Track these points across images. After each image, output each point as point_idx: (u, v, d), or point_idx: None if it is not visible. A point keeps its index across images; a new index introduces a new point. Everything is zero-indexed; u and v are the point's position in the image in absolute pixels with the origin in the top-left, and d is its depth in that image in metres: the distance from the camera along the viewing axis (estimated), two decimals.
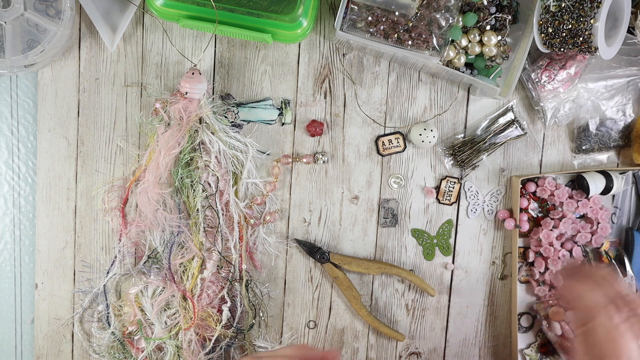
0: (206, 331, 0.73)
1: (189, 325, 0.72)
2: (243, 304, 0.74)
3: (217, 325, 0.73)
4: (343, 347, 0.79)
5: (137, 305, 0.74)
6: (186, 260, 0.73)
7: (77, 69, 0.74)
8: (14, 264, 0.76)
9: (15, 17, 0.66)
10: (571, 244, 0.78)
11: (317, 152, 0.76)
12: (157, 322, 0.73)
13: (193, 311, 0.72)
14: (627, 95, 0.78)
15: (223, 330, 0.73)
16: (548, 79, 0.74)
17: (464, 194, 0.78)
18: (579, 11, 0.65)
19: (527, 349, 0.80)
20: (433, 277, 0.79)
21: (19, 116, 0.75)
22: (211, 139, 0.71)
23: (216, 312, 0.73)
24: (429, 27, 0.67)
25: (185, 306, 0.73)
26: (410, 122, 0.77)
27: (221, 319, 0.73)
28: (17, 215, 0.76)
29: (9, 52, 0.66)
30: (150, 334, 0.74)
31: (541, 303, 0.79)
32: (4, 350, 0.77)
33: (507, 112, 0.77)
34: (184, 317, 0.73)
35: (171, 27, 0.74)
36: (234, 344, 0.75)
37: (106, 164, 0.75)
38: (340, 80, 0.75)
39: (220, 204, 0.72)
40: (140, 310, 0.74)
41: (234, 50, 0.74)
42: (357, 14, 0.67)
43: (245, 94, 0.75)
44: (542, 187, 0.78)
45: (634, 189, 0.81)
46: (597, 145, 0.78)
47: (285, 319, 0.77)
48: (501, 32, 0.71)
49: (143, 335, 0.73)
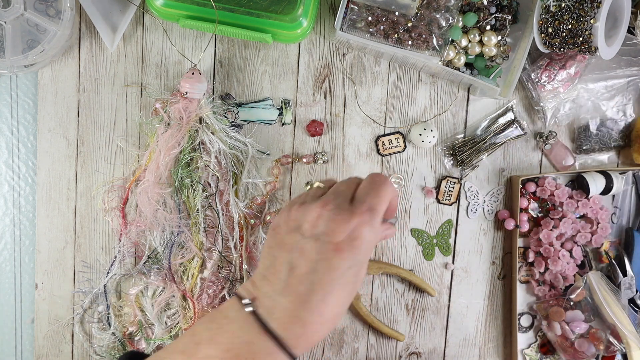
0: None
1: (189, 325, 0.72)
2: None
3: None
4: (343, 347, 0.79)
5: (137, 305, 0.74)
6: (186, 260, 0.73)
7: (77, 69, 0.74)
8: (14, 264, 0.76)
9: (15, 17, 0.66)
10: (571, 244, 0.78)
11: (317, 152, 0.76)
12: (157, 323, 0.73)
13: (193, 311, 0.72)
14: (628, 96, 0.78)
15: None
16: (548, 79, 0.74)
17: (464, 194, 0.78)
18: (579, 11, 0.65)
19: (527, 349, 0.80)
20: (433, 277, 0.79)
21: (19, 116, 0.75)
22: (211, 139, 0.71)
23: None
24: (429, 27, 0.67)
25: (185, 306, 0.73)
26: (410, 122, 0.77)
27: None
28: (17, 215, 0.76)
29: (9, 52, 0.66)
30: (151, 334, 0.74)
31: (541, 303, 0.79)
32: (4, 350, 0.77)
33: (507, 112, 0.77)
34: (184, 317, 0.73)
35: (171, 27, 0.74)
36: None
37: (106, 164, 0.75)
38: (340, 80, 0.75)
39: (220, 204, 0.72)
40: (141, 311, 0.74)
41: (234, 50, 0.74)
42: (357, 14, 0.67)
43: (245, 94, 0.75)
44: (542, 187, 0.78)
45: (634, 189, 0.81)
46: (598, 146, 0.78)
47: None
48: (501, 32, 0.71)
49: (144, 336, 0.73)
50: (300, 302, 0.44)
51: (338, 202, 0.46)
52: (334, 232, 0.45)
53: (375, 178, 0.49)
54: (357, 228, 0.45)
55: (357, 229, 0.45)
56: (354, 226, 0.45)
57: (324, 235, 0.45)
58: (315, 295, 0.44)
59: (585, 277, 0.77)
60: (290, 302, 0.44)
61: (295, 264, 0.45)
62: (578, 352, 0.76)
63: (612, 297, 0.76)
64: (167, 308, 0.74)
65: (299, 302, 0.44)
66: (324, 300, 0.44)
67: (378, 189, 0.48)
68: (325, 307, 0.45)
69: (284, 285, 0.45)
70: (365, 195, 0.47)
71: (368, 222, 0.45)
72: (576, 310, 0.77)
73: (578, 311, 0.77)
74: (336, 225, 0.45)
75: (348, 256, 0.45)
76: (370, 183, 0.49)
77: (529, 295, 0.80)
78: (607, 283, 0.77)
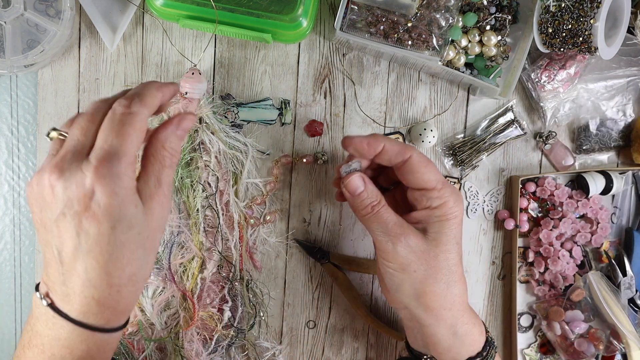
0: (206, 331, 0.74)
1: (189, 325, 0.72)
2: (244, 304, 0.74)
3: (217, 325, 0.73)
4: (343, 347, 0.79)
5: (137, 305, 0.74)
6: (186, 260, 0.73)
7: (77, 69, 0.74)
8: (14, 264, 0.76)
9: (15, 17, 0.66)
10: (571, 243, 0.78)
11: (317, 152, 0.76)
12: (157, 323, 0.73)
13: (193, 311, 0.72)
14: (627, 96, 0.78)
15: (223, 330, 0.73)
16: (548, 79, 0.74)
17: (463, 194, 0.78)
18: (579, 11, 0.65)
19: (527, 349, 0.80)
20: None
21: (19, 116, 0.75)
22: (211, 139, 0.71)
23: (217, 312, 0.74)
24: (429, 27, 0.67)
25: (185, 306, 0.73)
26: (410, 122, 0.77)
27: (222, 318, 0.73)
28: (17, 215, 0.76)
29: (9, 52, 0.66)
30: (151, 334, 0.74)
31: (541, 303, 0.79)
32: (4, 350, 0.77)
33: (507, 112, 0.77)
34: (184, 318, 0.73)
35: (171, 27, 0.74)
36: (234, 344, 0.75)
37: None
38: (340, 80, 0.75)
39: (220, 204, 0.72)
40: (141, 311, 0.74)
41: (234, 50, 0.74)
42: (357, 14, 0.67)
43: (245, 94, 0.75)
44: (542, 187, 0.78)
45: (634, 188, 0.81)
46: (598, 145, 0.78)
47: (285, 318, 0.77)
48: (501, 32, 0.71)
49: (144, 336, 0.73)
50: (84, 282, 0.42)
51: (66, 163, 0.41)
52: (72, 202, 0.40)
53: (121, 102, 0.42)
54: (94, 188, 0.40)
55: (94, 189, 0.40)
56: (90, 186, 0.40)
57: (66, 208, 0.40)
58: (93, 271, 0.41)
59: (585, 277, 0.77)
60: (76, 285, 0.42)
61: (60, 247, 0.42)
62: (578, 352, 0.76)
63: (611, 297, 0.76)
64: (167, 308, 0.74)
65: (83, 282, 0.42)
66: (107, 270, 0.41)
67: (120, 123, 0.41)
68: (112, 277, 0.42)
69: (63, 270, 0.42)
70: (104, 138, 0.41)
71: (105, 176, 0.40)
72: (576, 310, 0.77)
73: (578, 311, 0.77)
74: (71, 194, 0.40)
75: (104, 219, 0.40)
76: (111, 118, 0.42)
77: (529, 295, 0.80)
78: (606, 283, 0.78)
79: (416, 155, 0.54)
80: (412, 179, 0.54)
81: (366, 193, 0.54)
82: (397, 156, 0.54)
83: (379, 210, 0.54)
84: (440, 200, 0.54)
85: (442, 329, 0.55)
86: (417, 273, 0.53)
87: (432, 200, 0.54)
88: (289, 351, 0.78)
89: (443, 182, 0.55)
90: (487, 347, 0.57)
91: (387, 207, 0.55)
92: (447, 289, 0.54)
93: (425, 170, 0.54)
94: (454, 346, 0.55)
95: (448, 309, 0.54)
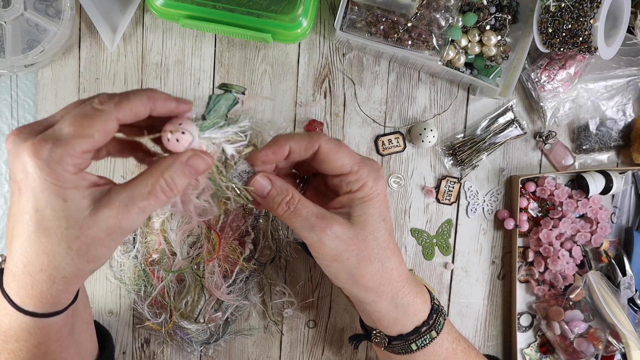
0: (227, 264, 0.73)
1: (212, 257, 0.71)
2: (266, 238, 0.74)
3: (240, 257, 0.72)
4: (343, 347, 0.79)
5: (162, 233, 0.72)
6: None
7: (77, 69, 0.74)
8: None
9: (15, 17, 0.66)
10: (571, 243, 0.78)
11: None
12: (179, 252, 0.72)
13: (219, 242, 0.71)
14: (627, 95, 0.78)
15: (244, 263, 0.73)
16: (548, 78, 0.74)
17: (463, 194, 0.78)
18: (579, 11, 0.65)
19: (526, 349, 0.80)
20: (433, 276, 0.79)
21: (19, 116, 0.75)
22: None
23: (238, 245, 0.73)
24: (429, 27, 0.67)
25: (209, 237, 0.72)
26: (410, 121, 0.77)
27: (244, 251, 0.73)
28: None
29: (9, 52, 0.66)
30: (171, 264, 0.73)
31: (541, 303, 0.79)
32: None
33: (507, 112, 0.77)
34: (207, 249, 0.72)
35: (171, 27, 0.74)
36: (253, 277, 0.75)
37: (106, 163, 0.75)
38: (340, 80, 0.75)
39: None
40: (165, 241, 0.73)
41: (234, 50, 0.74)
42: (357, 14, 0.67)
43: (245, 94, 0.75)
44: (542, 187, 0.78)
45: (634, 188, 0.81)
46: (597, 145, 0.78)
47: (285, 318, 0.78)
48: (501, 32, 0.71)
49: (163, 267, 0.72)
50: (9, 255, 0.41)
51: (23, 131, 0.40)
52: (10, 170, 0.40)
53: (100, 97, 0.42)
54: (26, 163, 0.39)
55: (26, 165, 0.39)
56: (23, 161, 0.39)
57: (11, 173, 0.40)
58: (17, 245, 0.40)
59: (585, 277, 0.77)
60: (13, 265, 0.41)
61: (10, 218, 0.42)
62: (577, 351, 0.76)
63: (611, 296, 0.76)
64: (190, 236, 0.73)
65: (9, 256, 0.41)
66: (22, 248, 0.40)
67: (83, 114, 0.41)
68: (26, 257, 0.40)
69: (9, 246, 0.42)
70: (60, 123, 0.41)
71: (37, 155, 0.38)
72: (575, 310, 0.77)
73: (577, 311, 0.77)
74: (12, 160, 0.40)
75: (29, 198, 0.39)
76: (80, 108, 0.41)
77: (529, 294, 0.80)
78: (606, 283, 0.78)
79: (325, 144, 0.51)
80: (326, 167, 0.52)
81: (275, 190, 0.50)
82: (307, 151, 0.52)
83: (295, 206, 0.51)
84: (359, 183, 0.52)
85: (384, 303, 0.55)
86: (350, 260, 0.52)
87: (351, 184, 0.52)
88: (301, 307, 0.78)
89: (359, 162, 0.52)
90: (433, 314, 0.57)
91: (304, 201, 0.51)
92: (382, 267, 0.53)
93: (337, 156, 0.51)
94: (397, 318, 0.55)
95: (387, 284, 0.54)
